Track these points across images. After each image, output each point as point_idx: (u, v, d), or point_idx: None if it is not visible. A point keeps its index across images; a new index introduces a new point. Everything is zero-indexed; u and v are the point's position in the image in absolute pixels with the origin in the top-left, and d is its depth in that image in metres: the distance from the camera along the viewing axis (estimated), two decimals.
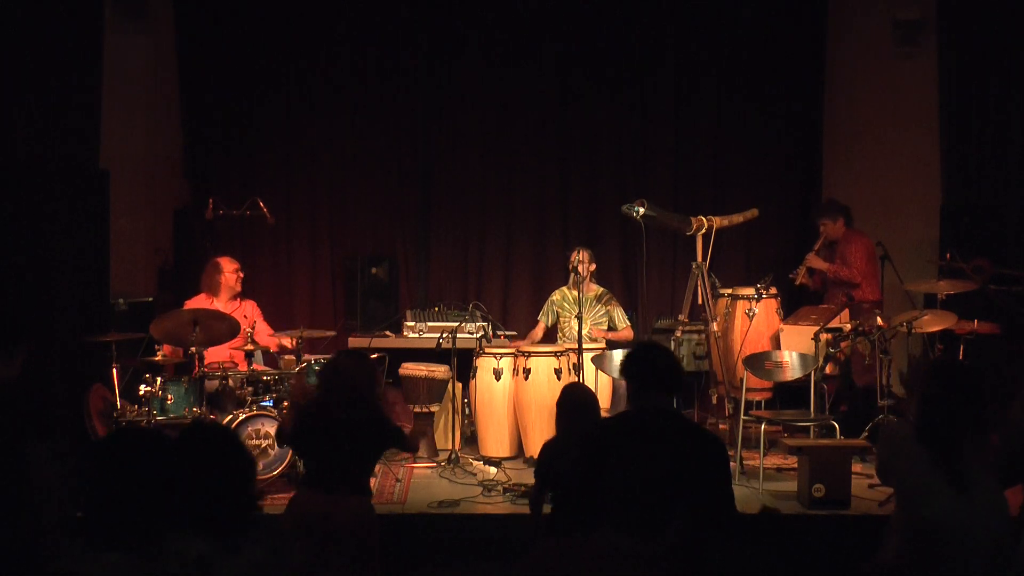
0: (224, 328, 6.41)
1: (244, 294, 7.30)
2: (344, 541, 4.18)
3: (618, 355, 6.84)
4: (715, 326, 7.30)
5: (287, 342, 7.02)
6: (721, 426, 7.36)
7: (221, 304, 7.08)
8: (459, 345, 6.99)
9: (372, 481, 5.04)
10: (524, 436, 6.90)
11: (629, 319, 7.81)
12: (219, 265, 7.17)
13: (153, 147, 8.32)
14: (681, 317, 7.41)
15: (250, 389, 6.46)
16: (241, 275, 7.21)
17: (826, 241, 7.70)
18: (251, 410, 6.22)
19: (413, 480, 6.43)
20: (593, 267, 7.50)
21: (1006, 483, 3.45)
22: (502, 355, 7.01)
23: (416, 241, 8.74)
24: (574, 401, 4.36)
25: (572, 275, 7.44)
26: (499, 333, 7.59)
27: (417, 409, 7.08)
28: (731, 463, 6.38)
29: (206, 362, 6.31)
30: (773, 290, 7.39)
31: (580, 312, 6.93)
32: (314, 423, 4.35)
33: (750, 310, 7.14)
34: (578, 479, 3.58)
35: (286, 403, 6.33)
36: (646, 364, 3.64)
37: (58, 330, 6.38)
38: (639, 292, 8.22)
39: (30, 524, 3.78)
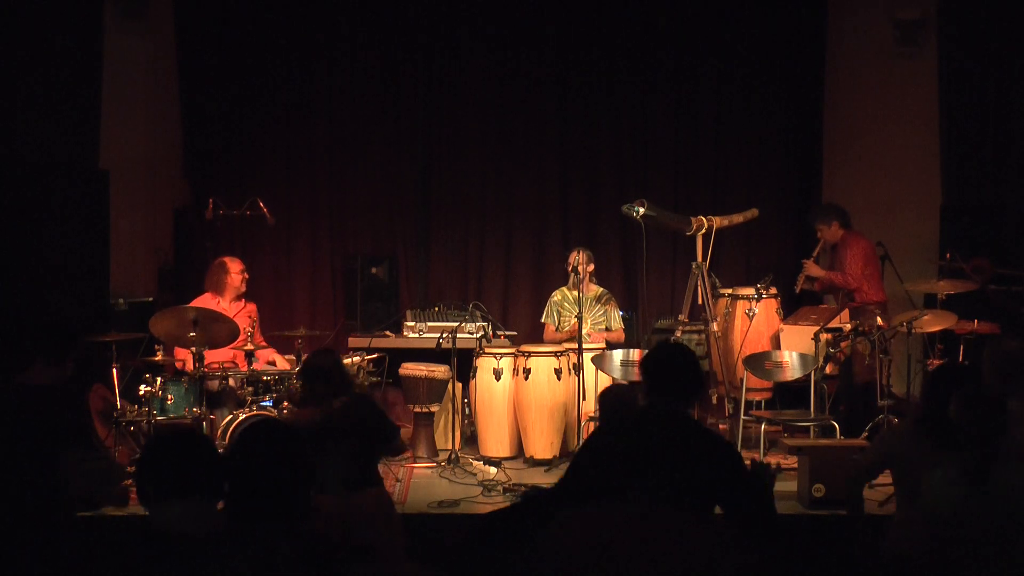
0: (224, 331, 6.40)
1: (247, 295, 7.30)
2: (365, 532, 4.22)
3: (618, 355, 6.84)
4: (715, 326, 7.30)
5: (281, 363, 7.01)
6: (721, 426, 7.35)
7: (226, 304, 7.07)
8: (459, 345, 6.99)
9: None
10: (524, 436, 6.90)
11: (629, 319, 7.80)
12: (225, 266, 7.17)
13: (153, 147, 8.32)
14: (681, 317, 7.41)
15: (250, 389, 6.46)
16: (246, 276, 7.21)
17: (826, 246, 7.68)
18: (251, 410, 6.21)
19: (413, 480, 6.43)
20: (592, 267, 7.49)
21: None
22: (502, 355, 7.00)
23: (416, 241, 8.74)
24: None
25: (572, 275, 7.43)
26: (499, 333, 7.59)
27: (417, 409, 7.08)
28: None
29: (206, 362, 6.31)
30: (773, 290, 7.38)
31: (580, 312, 6.93)
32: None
33: (750, 310, 7.14)
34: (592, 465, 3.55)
35: (286, 404, 6.34)
36: (664, 368, 3.59)
37: None
38: (639, 292, 8.22)
39: (57, 524, 3.88)
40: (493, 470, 6.37)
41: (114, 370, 6.24)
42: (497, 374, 6.94)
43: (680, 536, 2.64)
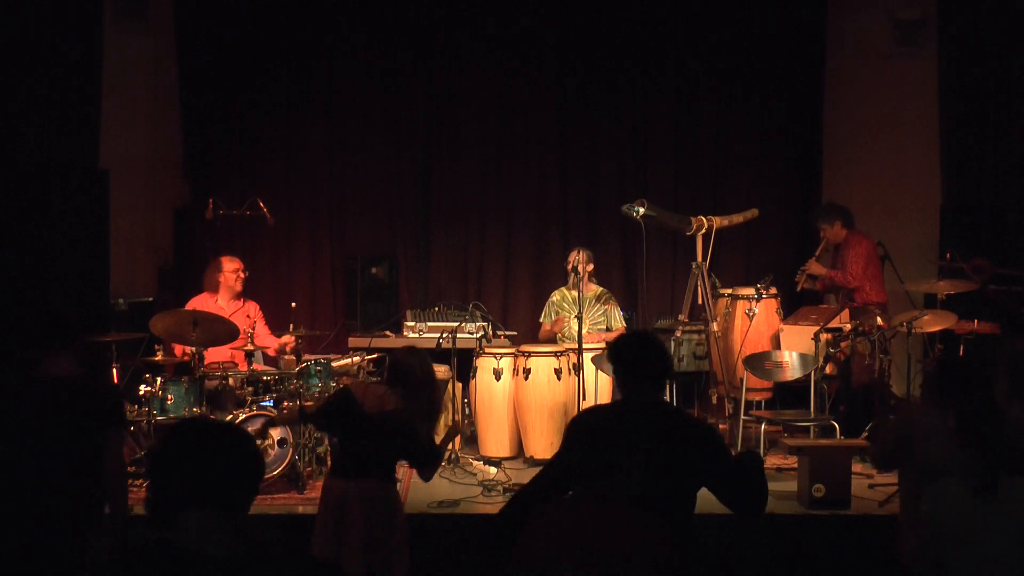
0: (223, 331, 6.40)
1: (246, 294, 7.29)
2: (359, 521, 4.31)
3: None
4: (715, 326, 7.30)
5: (287, 340, 7.00)
6: (721, 426, 7.35)
7: (224, 303, 7.07)
8: (459, 345, 6.99)
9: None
10: (524, 436, 6.90)
11: (629, 319, 7.80)
12: (220, 264, 7.17)
13: (153, 147, 8.33)
14: (681, 317, 7.41)
15: (250, 389, 6.45)
16: (243, 275, 7.19)
17: (828, 245, 7.68)
18: (251, 410, 6.21)
19: (413, 480, 6.41)
20: (591, 267, 7.49)
21: None
22: (502, 355, 7.00)
23: (416, 241, 8.75)
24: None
25: (571, 275, 7.43)
26: (499, 333, 7.59)
27: None
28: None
29: (206, 362, 6.31)
30: (773, 290, 7.39)
31: (580, 312, 6.93)
32: (350, 413, 4.47)
33: (750, 310, 7.15)
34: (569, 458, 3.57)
35: (286, 404, 6.34)
36: (635, 355, 3.62)
37: None
38: (639, 292, 8.23)
39: (100, 509, 4.02)
40: (493, 470, 6.37)
41: (114, 370, 6.24)
42: (497, 374, 6.94)
43: (642, 531, 2.73)
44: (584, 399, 6.65)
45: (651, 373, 3.58)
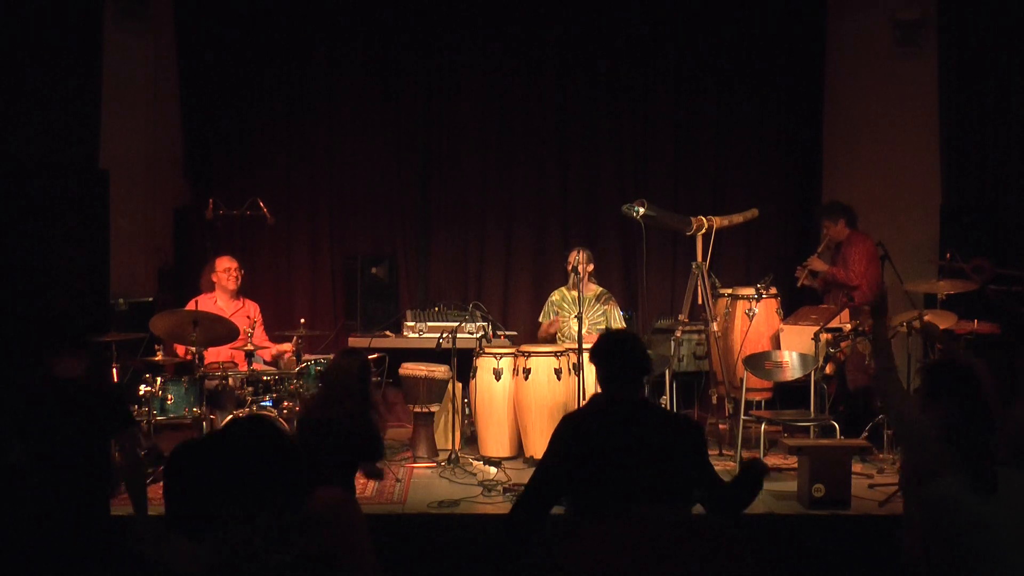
0: (223, 331, 6.41)
1: (246, 294, 7.29)
2: (317, 529, 4.31)
3: None
4: (715, 326, 7.30)
5: (285, 348, 7.01)
6: (721, 426, 7.36)
7: (223, 304, 7.07)
8: (459, 345, 6.99)
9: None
10: (524, 436, 6.90)
11: (629, 319, 7.80)
12: (212, 263, 7.20)
13: (153, 147, 8.31)
14: (681, 317, 7.41)
15: (250, 389, 6.46)
16: (236, 274, 7.17)
17: (830, 243, 7.69)
18: (251, 410, 6.21)
19: (413, 480, 6.43)
20: (591, 267, 7.49)
21: None
22: (502, 355, 7.00)
23: (416, 241, 8.75)
24: None
25: (572, 275, 7.43)
26: (499, 333, 7.59)
27: (417, 409, 7.08)
28: (730, 462, 6.45)
29: (206, 362, 6.31)
30: (773, 290, 7.39)
31: (580, 312, 6.93)
32: (302, 423, 4.60)
33: (750, 310, 7.15)
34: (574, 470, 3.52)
35: (286, 404, 6.35)
36: (618, 354, 3.62)
37: None
38: (639, 292, 8.23)
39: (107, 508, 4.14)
40: (493, 470, 6.37)
41: (114, 370, 6.24)
42: (497, 374, 6.94)
43: (697, 534, 2.64)
44: (584, 399, 6.64)
45: (637, 372, 3.59)
